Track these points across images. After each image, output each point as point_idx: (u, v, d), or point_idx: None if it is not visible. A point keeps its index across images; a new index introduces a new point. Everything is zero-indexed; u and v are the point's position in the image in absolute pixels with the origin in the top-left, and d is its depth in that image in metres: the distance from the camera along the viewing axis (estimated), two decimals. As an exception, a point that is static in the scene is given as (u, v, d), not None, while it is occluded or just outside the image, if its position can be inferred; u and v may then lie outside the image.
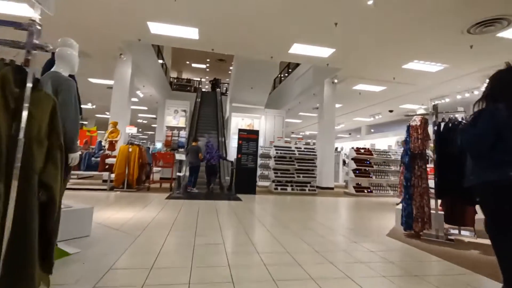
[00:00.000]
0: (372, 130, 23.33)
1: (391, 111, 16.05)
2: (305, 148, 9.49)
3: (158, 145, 13.22)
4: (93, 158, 7.51)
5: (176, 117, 11.96)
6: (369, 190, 9.41)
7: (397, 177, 9.77)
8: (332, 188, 10.99)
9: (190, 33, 7.62)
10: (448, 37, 7.00)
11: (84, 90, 15.45)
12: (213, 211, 5.20)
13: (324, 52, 8.35)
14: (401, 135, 17.93)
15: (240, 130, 8.58)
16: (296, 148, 9.33)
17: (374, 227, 4.52)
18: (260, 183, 9.71)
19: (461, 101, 12.57)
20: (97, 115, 22.16)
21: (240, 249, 3.05)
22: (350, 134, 27.38)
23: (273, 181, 8.95)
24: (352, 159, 9.54)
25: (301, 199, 7.67)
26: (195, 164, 8.04)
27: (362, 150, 9.75)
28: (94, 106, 18.37)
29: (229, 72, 25.72)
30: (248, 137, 8.52)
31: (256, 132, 8.72)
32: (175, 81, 23.24)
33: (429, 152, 4.77)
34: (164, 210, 5.05)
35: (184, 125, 11.97)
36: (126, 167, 7.28)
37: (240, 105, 13.13)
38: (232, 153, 11.80)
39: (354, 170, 9.40)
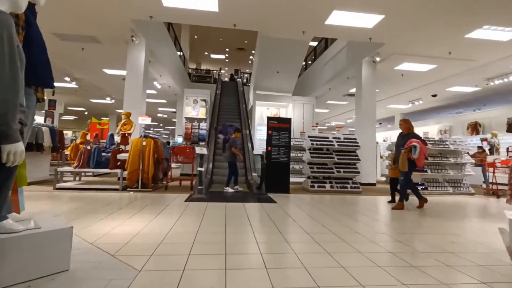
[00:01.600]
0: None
1: (434, 95, 14.14)
2: (345, 139, 8.11)
3: (179, 139, 12.29)
4: (103, 154, 6.58)
5: (195, 108, 10.94)
6: (423, 187, 7.88)
7: (456, 171, 8.19)
8: (374, 184, 9.55)
9: (208, 4, 6.44)
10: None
11: (100, 84, 14.92)
12: (244, 219, 4.05)
13: (369, 20, 6.89)
14: (444, 122, 15.96)
15: (269, 119, 7.35)
16: (335, 138, 7.97)
17: (488, 249, 3.15)
18: (291, 179, 8.47)
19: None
20: (118, 110, 21.80)
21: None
22: (380, 123, 25.35)
23: (309, 177, 7.68)
24: (402, 150, 8.02)
25: (346, 199, 6.37)
26: (231, 160, 7.05)
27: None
28: (113, 101, 17.85)
29: (250, 62, 24.47)
30: (279, 126, 7.27)
31: (288, 120, 7.44)
32: (194, 72, 22.36)
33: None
34: (183, 218, 3.96)
35: (204, 116, 10.93)
36: (140, 163, 6.30)
37: (265, 92, 11.87)
38: (258, 146, 10.63)
39: (404, 163, 7.89)
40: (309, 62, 16.29)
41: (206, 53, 24.82)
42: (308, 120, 11.48)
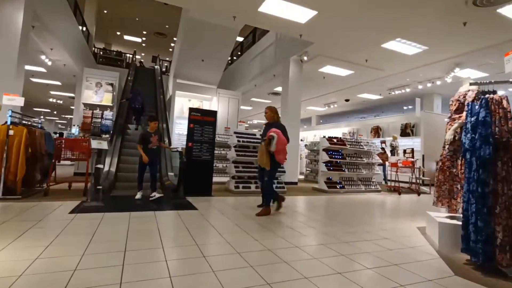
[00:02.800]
0: (321, 121, 23.09)
1: (347, 100, 15.48)
2: (272, 136, 7.72)
3: (74, 130, 9.95)
4: None
5: (99, 92, 8.95)
6: (340, 186, 8.19)
7: (369, 171, 8.82)
8: (296, 183, 9.57)
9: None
10: (448, 8, 5.94)
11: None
12: (154, 237, 3.04)
13: (303, 15, 6.62)
14: (353, 125, 17.73)
15: (192, 110, 6.33)
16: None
17: (406, 248, 3.00)
18: (214, 178, 7.63)
19: (420, 92, 12.43)
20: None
21: None
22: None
23: (233, 177, 7.01)
24: (324, 150, 8.18)
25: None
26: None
27: (335, 140, 8.46)
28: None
29: (170, 50, 22.40)
30: (203, 119, 6.34)
31: (213, 113, 6.58)
32: (101, 52, 19.07)
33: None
34: (59, 241, 2.70)
35: (110, 103, 9.05)
36: (2, 160, 4.46)
37: (187, 82, 10.68)
38: (176, 142, 9.41)
39: (326, 163, 8.05)
40: (235, 58, 15.72)
41: (118, 33, 21.58)
42: (233, 115, 10.83)
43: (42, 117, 26.93)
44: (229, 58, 15.07)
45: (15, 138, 4.63)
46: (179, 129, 10.06)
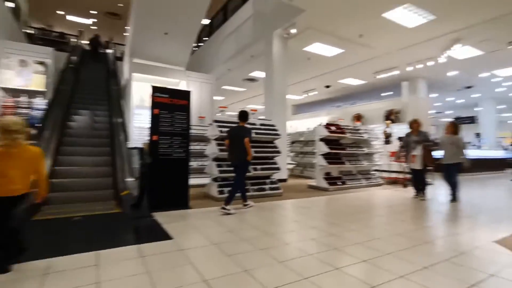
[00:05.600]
0: (297, 111, 22.00)
1: (328, 86, 14.39)
2: (261, 125, 6.18)
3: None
4: None
5: (24, 73, 6.65)
6: (341, 181, 6.91)
7: (370, 162, 7.67)
8: (285, 180, 8.15)
9: None
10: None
11: None
12: None
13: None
14: (334, 114, 16.82)
15: (156, 90, 4.48)
16: (250, 124, 5.91)
17: None
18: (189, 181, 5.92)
19: (405, 76, 11.65)
20: None
21: None
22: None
23: (215, 179, 5.36)
24: (322, 139, 6.82)
25: (273, 209, 4.42)
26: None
27: (334, 128, 7.14)
28: None
29: (125, 34, 19.58)
30: (173, 103, 4.57)
31: (186, 95, 4.80)
32: (39, 33, 15.88)
33: None
34: None
35: (42, 89, 6.81)
36: None
37: (147, 62, 8.63)
38: (137, 137, 7.47)
39: (325, 156, 6.70)
40: (204, 40, 13.75)
41: (60, 12, 18.27)
42: (206, 103, 9.06)
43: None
44: (197, 40, 13.13)
45: None
46: (139, 121, 8.07)
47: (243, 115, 4.60)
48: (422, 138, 5.45)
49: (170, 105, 4.54)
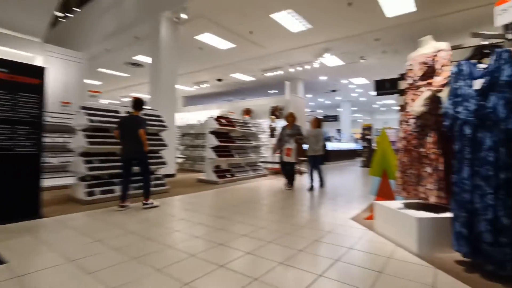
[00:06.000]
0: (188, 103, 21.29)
1: (220, 79, 14.45)
2: (145, 115, 5.48)
3: None
4: None
5: None
6: (230, 174, 7.04)
7: (257, 154, 8.10)
8: (173, 175, 7.68)
9: None
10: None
11: None
12: None
13: None
14: (224, 108, 17.06)
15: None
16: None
17: (381, 257, 2.13)
18: (46, 182, 4.67)
19: (287, 76, 12.93)
20: None
21: None
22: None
23: (83, 179, 4.43)
24: (212, 132, 6.71)
25: (157, 212, 4.00)
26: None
27: (224, 121, 7.14)
28: None
29: None
30: (14, 80, 3.43)
31: (38, 72, 3.67)
32: None
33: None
34: None
35: None
36: None
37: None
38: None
39: (214, 149, 6.63)
40: (76, 11, 11.31)
41: None
42: (74, 86, 7.43)
43: None
44: (64, 8, 10.67)
45: None
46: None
47: (138, 104, 4.23)
48: (295, 132, 5.72)
49: (10, 83, 3.39)
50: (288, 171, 5.79)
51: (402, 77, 8.19)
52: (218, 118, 6.97)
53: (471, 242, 2.05)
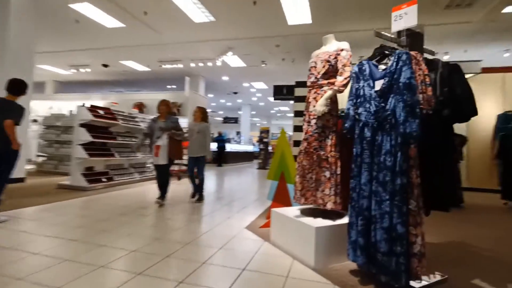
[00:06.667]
0: (62, 90, 17.40)
1: (106, 65, 12.22)
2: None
3: None
4: None
5: None
6: (106, 177, 5.72)
7: (145, 154, 6.99)
8: (22, 180, 5.74)
9: None
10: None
11: None
12: None
13: None
14: (110, 99, 14.64)
15: None
16: None
17: (272, 275, 1.81)
18: None
19: (188, 71, 12.07)
20: None
21: None
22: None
23: None
24: (84, 125, 5.28)
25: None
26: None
27: (102, 112, 5.75)
28: None
29: None
30: None
31: None
32: None
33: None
34: None
35: None
36: None
37: None
38: None
39: (85, 146, 5.23)
40: None
41: None
42: None
43: None
44: None
45: None
46: None
47: (14, 85, 3.29)
48: (170, 125, 4.18)
49: None
50: (158, 177, 4.27)
51: (297, 84, 8.70)
52: (93, 108, 5.57)
53: (367, 252, 1.92)
